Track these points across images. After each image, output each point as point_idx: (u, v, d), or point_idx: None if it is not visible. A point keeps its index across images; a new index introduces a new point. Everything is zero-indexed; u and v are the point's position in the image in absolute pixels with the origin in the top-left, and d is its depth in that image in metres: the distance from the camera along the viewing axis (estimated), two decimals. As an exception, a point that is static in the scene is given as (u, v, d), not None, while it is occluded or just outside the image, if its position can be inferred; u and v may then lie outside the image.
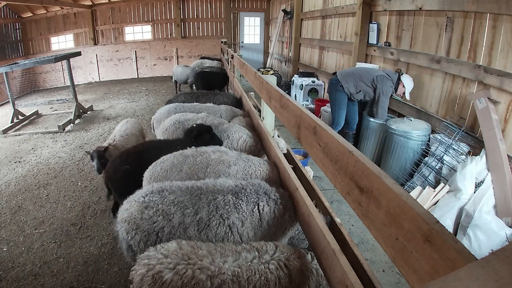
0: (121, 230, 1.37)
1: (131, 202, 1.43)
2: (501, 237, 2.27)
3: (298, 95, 6.38)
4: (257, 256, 1.21)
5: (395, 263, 0.73)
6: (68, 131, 5.33)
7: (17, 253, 2.43)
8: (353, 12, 4.83)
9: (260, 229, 1.45)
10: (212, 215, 1.41)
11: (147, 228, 1.35)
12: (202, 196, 1.46)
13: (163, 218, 1.36)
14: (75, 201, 3.15)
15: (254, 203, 1.47)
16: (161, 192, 1.45)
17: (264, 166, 1.91)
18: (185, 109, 3.01)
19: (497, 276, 0.40)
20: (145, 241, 1.33)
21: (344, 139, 1.03)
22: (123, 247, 1.38)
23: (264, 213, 1.47)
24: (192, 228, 1.38)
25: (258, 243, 1.30)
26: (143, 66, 10.75)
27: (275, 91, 1.83)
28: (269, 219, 1.47)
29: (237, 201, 1.46)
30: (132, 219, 1.36)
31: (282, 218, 1.50)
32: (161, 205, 1.39)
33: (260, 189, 1.54)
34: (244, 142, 2.37)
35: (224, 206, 1.44)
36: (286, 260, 1.22)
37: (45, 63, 5.91)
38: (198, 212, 1.40)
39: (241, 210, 1.44)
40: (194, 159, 1.91)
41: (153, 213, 1.37)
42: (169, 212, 1.38)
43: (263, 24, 11.45)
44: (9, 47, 9.24)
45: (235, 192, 1.50)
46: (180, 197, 1.44)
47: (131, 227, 1.34)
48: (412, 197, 0.70)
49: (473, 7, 2.70)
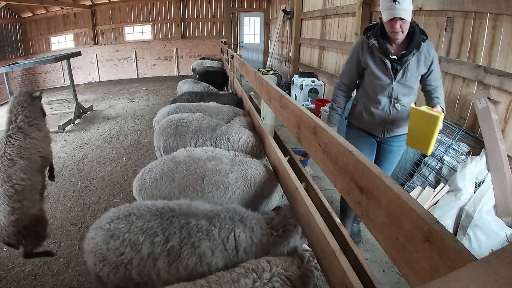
0: (88, 261, 1.26)
1: (97, 230, 1.30)
2: (501, 237, 2.27)
3: (298, 95, 6.39)
4: (257, 278, 1.14)
5: (395, 263, 0.73)
6: (68, 131, 5.33)
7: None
8: (353, 12, 4.83)
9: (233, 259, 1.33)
10: (184, 243, 1.28)
11: (115, 260, 1.22)
12: (174, 220, 1.32)
13: (131, 249, 1.23)
14: (75, 201, 3.15)
15: (229, 230, 1.36)
16: (128, 217, 1.31)
17: (260, 169, 1.88)
18: (185, 109, 2.98)
19: (497, 276, 0.40)
20: (114, 273, 1.22)
21: (344, 139, 1.03)
22: (92, 277, 1.28)
23: (240, 241, 1.35)
24: (162, 260, 1.25)
25: (248, 262, 1.23)
26: (143, 66, 10.75)
27: (275, 91, 1.83)
28: (246, 247, 1.36)
29: (209, 227, 1.34)
30: (98, 250, 1.24)
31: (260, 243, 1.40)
32: (127, 234, 1.25)
33: (235, 215, 1.42)
34: (245, 142, 2.32)
35: (196, 233, 1.31)
36: (285, 272, 1.18)
37: (45, 63, 5.91)
38: (169, 239, 1.27)
39: (212, 237, 1.32)
40: (188, 168, 1.80)
41: (119, 243, 1.24)
42: (137, 241, 1.24)
43: (263, 24, 11.45)
44: (9, 47, 9.24)
45: (209, 217, 1.38)
46: (149, 222, 1.29)
47: (98, 258, 1.23)
48: (412, 197, 0.70)
49: (473, 7, 2.70)
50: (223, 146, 2.35)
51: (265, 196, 1.87)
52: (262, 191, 1.84)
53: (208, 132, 2.41)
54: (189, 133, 2.41)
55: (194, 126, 2.43)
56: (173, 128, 2.42)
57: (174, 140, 2.40)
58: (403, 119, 2.08)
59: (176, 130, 2.42)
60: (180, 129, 2.42)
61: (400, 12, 1.75)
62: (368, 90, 2.10)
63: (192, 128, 2.42)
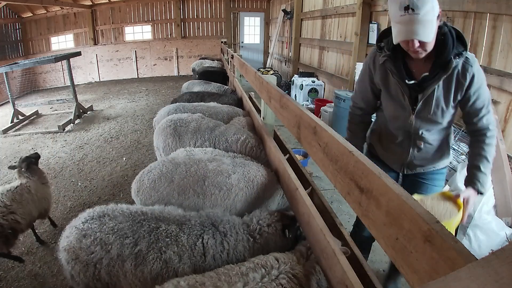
0: (62, 259, 1.30)
1: (71, 229, 1.34)
2: (501, 237, 2.27)
3: (298, 95, 6.39)
4: (265, 274, 1.15)
5: (395, 263, 0.73)
6: (68, 131, 5.33)
7: (17, 253, 2.43)
8: (353, 12, 4.83)
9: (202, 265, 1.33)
10: (152, 247, 1.29)
11: (85, 259, 1.26)
12: (145, 223, 1.34)
13: (101, 249, 1.26)
14: (75, 201, 3.15)
15: (197, 236, 1.35)
16: (101, 218, 1.34)
17: (262, 170, 1.87)
18: (185, 109, 2.98)
19: (497, 276, 0.40)
20: (84, 272, 1.26)
21: (344, 139, 1.03)
22: (66, 275, 1.33)
23: (209, 247, 1.34)
24: (129, 263, 1.27)
25: (258, 258, 1.24)
26: (143, 66, 10.75)
27: (275, 91, 1.83)
28: (215, 253, 1.35)
29: (179, 233, 1.34)
30: (71, 248, 1.28)
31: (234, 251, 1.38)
32: (99, 233, 1.29)
33: (207, 220, 1.42)
34: (243, 143, 2.30)
35: (164, 238, 1.32)
36: (292, 270, 1.19)
37: (45, 63, 5.91)
38: (137, 243, 1.29)
39: (180, 243, 1.32)
40: (188, 169, 1.78)
41: (90, 242, 1.27)
42: (107, 241, 1.28)
43: (263, 24, 11.45)
44: (9, 47, 9.24)
45: (180, 223, 1.39)
46: (121, 224, 1.32)
47: (70, 256, 1.27)
48: (412, 197, 0.70)
49: (473, 7, 2.70)
50: (222, 147, 2.33)
51: (266, 198, 1.86)
52: (264, 193, 1.83)
53: (207, 132, 2.40)
54: (188, 134, 2.40)
55: (193, 127, 2.43)
56: (172, 128, 2.42)
57: (173, 140, 2.40)
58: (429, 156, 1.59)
59: (175, 130, 2.41)
60: (179, 130, 2.42)
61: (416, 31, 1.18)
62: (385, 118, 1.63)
63: (191, 129, 2.42)
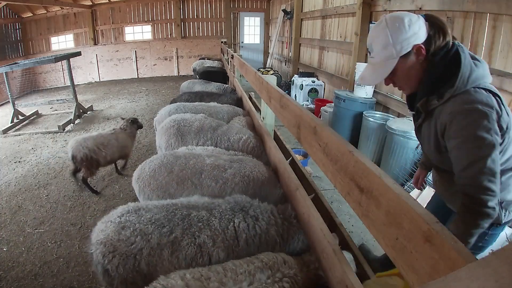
0: (96, 253, 1.27)
1: (107, 223, 1.33)
2: (501, 237, 2.26)
3: (298, 95, 6.39)
4: (270, 275, 1.16)
5: (395, 263, 0.73)
6: (68, 131, 5.33)
7: (17, 253, 2.43)
8: (353, 12, 4.83)
9: (236, 249, 1.36)
10: (186, 233, 1.33)
11: (125, 251, 1.26)
12: (177, 212, 1.40)
13: (141, 239, 1.28)
14: (75, 201, 3.15)
15: (229, 220, 1.39)
16: (137, 211, 1.38)
17: (259, 167, 1.88)
18: (186, 109, 2.99)
19: (497, 276, 0.40)
20: (123, 265, 1.25)
21: (344, 139, 1.03)
22: (99, 271, 1.28)
23: (241, 230, 1.37)
24: (167, 250, 1.29)
25: (267, 257, 1.24)
26: (143, 66, 10.75)
27: (275, 91, 1.83)
28: (248, 237, 1.37)
29: (210, 218, 1.38)
30: (108, 240, 1.27)
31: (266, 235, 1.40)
32: (138, 224, 1.32)
33: (236, 205, 1.46)
34: (245, 142, 2.33)
35: (197, 223, 1.36)
36: (295, 276, 1.20)
37: (45, 63, 5.91)
38: (173, 230, 1.33)
39: (213, 227, 1.36)
40: (187, 161, 1.85)
41: (130, 233, 1.29)
42: (147, 231, 1.30)
43: (263, 24, 11.45)
44: (9, 47, 9.24)
45: (210, 208, 1.44)
46: (157, 215, 1.37)
47: (108, 249, 1.25)
48: (412, 197, 0.70)
49: (473, 7, 2.70)
50: (223, 146, 2.35)
51: (263, 195, 1.86)
52: (260, 189, 1.84)
53: (210, 132, 2.42)
54: (191, 134, 2.43)
55: (196, 127, 2.45)
56: (176, 128, 2.45)
57: (176, 140, 2.42)
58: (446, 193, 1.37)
59: (179, 130, 2.45)
60: (182, 130, 2.45)
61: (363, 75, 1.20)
62: None
63: (194, 129, 2.44)
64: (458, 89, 1.05)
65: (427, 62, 1.11)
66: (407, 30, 1.06)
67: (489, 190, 1.00)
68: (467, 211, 1.05)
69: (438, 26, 1.10)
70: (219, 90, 4.47)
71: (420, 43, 1.08)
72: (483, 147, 0.99)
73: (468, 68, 1.05)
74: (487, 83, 1.06)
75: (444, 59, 1.08)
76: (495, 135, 0.99)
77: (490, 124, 0.99)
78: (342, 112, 4.32)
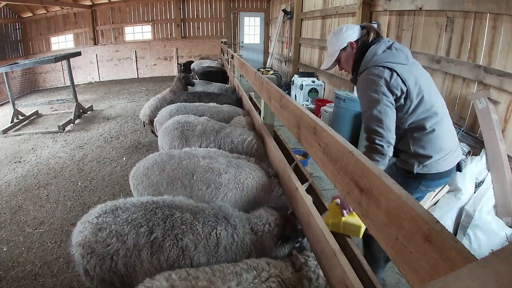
0: (76, 254, 1.30)
1: (85, 224, 1.35)
2: (501, 237, 2.27)
3: (298, 95, 6.39)
4: (256, 276, 1.17)
5: (395, 263, 0.73)
6: (68, 131, 5.33)
7: (17, 253, 2.43)
8: (353, 12, 4.83)
9: (215, 256, 1.37)
10: (167, 234, 1.32)
11: (102, 252, 1.27)
12: (158, 211, 1.38)
13: (117, 240, 1.28)
14: (75, 201, 3.15)
15: (212, 227, 1.40)
16: (114, 211, 1.37)
17: (255, 173, 1.87)
18: (187, 110, 2.99)
19: (497, 276, 0.40)
20: (100, 265, 1.26)
21: (344, 139, 1.03)
22: (80, 271, 1.32)
23: (221, 238, 1.38)
24: (146, 251, 1.29)
25: (251, 260, 1.26)
26: (143, 66, 10.75)
27: (275, 91, 1.83)
28: (226, 245, 1.39)
29: (193, 222, 1.38)
30: (86, 242, 1.28)
31: (242, 243, 1.43)
32: (114, 226, 1.31)
33: (220, 212, 1.46)
34: (249, 144, 2.33)
35: (180, 225, 1.35)
36: (281, 275, 1.21)
37: (45, 63, 5.91)
38: (153, 230, 1.31)
39: (196, 232, 1.36)
40: (180, 161, 1.84)
41: (106, 234, 1.29)
42: (122, 232, 1.30)
43: (263, 24, 11.45)
44: (9, 47, 9.24)
45: (194, 212, 1.43)
46: (134, 214, 1.35)
47: (86, 251, 1.27)
48: (412, 197, 0.70)
49: (473, 7, 2.70)
50: (227, 148, 2.36)
51: (257, 202, 1.86)
52: (254, 196, 1.83)
53: (213, 134, 2.43)
54: (195, 137, 2.44)
55: (200, 130, 2.47)
56: (180, 131, 2.47)
57: (180, 143, 2.45)
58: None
59: (182, 133, 2.47)
60: (186, 133, 2.47)
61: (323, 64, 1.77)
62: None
63: (198, 132, 2.46)
64: (363, 66, 1.56)
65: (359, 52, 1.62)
66: (344, 33, 1.64)
67: (376, 132, 1.44)
68: (365, 146, 1.50)
69: (367, 30, 1.63)
70: (220, 91, 4.47)
71: (353, 40, 1.63)
72: (370, 102, 1.46)
73: (372, 54, 1.54)
74: (389, 63, 1.49)
75: (362, 49, 1.59)
76: (381, 95, 1.44)
77: (377, 87, 1.45)
78: (342, 112, 4.32)
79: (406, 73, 1.48)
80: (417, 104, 1.50)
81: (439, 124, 1.53)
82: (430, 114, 1.52)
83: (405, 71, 1.48)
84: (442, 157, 1.55)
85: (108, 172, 3.73)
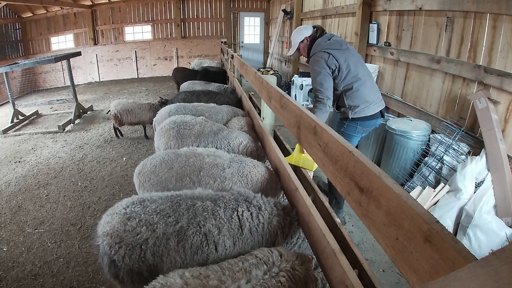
0: (102, 244, 1.28)
1: (112, 215, 1.35)
2: (501, 237, 2.27)
3: (298, 95, 6.38)
4: (267, 270, 1.16)
5: (395, 263, 0.73)
6: (68, 131, 5.33)
7: (17, 253, 2.43)
8: (353, 12, 4.83)
9: (240, 238, 1.38)
10: (191, 223, 1.35)
11: (131, 241, 1.27)
12: (182, 202, 1.42)
13: (147, 229, 1.30)
14: (75, 201, 3.15)
15: (233, 210, 1.42)
16: (142, 202, 1.40)
17: (259, 168, 1.89)
18: (186, 110, 2.99)
19: (497, 276, 0.40)
20: (129, 255, 1.26)
21: (344, 139, 1.03)
22: (105, 262, 1.29)
23: (244, 219, 1.40)
24: (173, 240, 1.31)
25: (261, 252, 1.24)
26: (143, 66, 10.75)
27: (275, 91, 1.83)
28: (251, 226, 1.40)
29: (215, 207, 1.41)
30: (114, 232, 1.28)
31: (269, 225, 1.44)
32: (143, 215, 1.33)
33: (239, 196, 1.49)
34: (245, 147, 2.34)
35: (202, 212, 1.38)
36: (292, 269, 1.19)
37: (45, 63, 5.91)
38: (178, 220, 1.35)
39: (218, 216, 1.39)
40: (187, 159, 1.89)
41: (136, 223, 1.30)
42: (152, 221, 1.32)
43: (263, 24, 11.45)
44: (9, 47, 9.24)
45: (214, 199, 1.46)
46: (162, 205, 1.39)
47: (114, 240, 1.27)
48: (412, 197, 0.70)
49: (473, 7, 2.70)
50: (224, 150, 2.36)
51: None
52: (259, 189, 1.85)
53: (210, 136, 2.42)
54: (191, 137, 2.43)
55: (197, 130, 2.46)
56: (176, 131, 2.46)
57: (176, 143, 2.43)
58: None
59: (178, 133, 2.45)
60: (182, 132, 2.45)
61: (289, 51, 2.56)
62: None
63: (195, 132, 2.45)
64: (312, 52, 2.42)
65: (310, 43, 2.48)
66: (302, 32, 2.52)
67: (318, 90, 2.31)
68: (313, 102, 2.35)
69: (316, 28, 2.50)
70: (219, 91, 4.47)
71: (307, 36, 2.50)
72: (315, 72, 2.33)
73: (317, 44, 2.41)
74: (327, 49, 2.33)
75: (312, 41, 2.47)
76: (322, 68, 2.31)
77: (319, 63, 2.32)
78: (342, 112, 4.32)
79: (339, 55, 2.31)
80: (346, 74, 2.35)
81: (362, 85, 2.37)
82: (355, 79, 2.36)
83: (338, 53, 2.32)
84: (366, 106, 2.40)
85: (108, 172, 3.73)
